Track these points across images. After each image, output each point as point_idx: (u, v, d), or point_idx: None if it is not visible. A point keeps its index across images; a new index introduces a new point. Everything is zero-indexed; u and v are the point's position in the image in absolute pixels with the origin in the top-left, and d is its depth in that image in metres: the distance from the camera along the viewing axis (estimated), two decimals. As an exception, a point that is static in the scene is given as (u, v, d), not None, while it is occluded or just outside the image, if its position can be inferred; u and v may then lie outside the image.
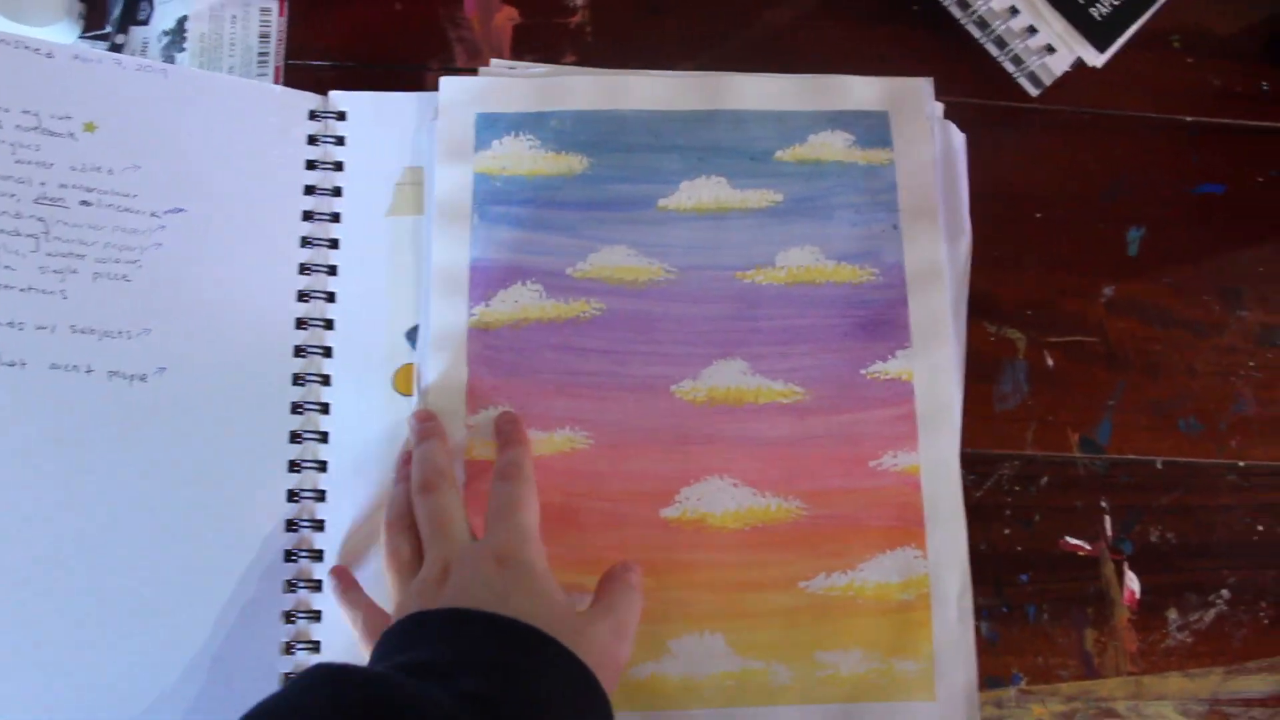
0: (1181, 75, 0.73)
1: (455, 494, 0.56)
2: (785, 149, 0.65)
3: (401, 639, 0.48)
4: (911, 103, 0.67)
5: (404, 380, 0.63)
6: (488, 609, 0.47)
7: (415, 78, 0.69)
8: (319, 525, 0.62)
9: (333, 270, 0.65)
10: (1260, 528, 0.66)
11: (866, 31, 0.71)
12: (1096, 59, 0.66)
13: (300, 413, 0.63)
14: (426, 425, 0.60)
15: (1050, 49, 0.67)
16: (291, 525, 0.61)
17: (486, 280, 0.62)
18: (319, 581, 0.61)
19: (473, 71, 0.68)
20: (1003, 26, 0.68)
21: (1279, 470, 0.67)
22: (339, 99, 0.67)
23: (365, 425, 0.63)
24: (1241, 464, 0.67)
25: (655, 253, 0.63)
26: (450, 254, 0.63)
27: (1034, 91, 0.70)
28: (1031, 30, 0.67)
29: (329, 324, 0.64)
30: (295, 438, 0.62)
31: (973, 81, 0.71)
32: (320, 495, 0.62)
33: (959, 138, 0.67)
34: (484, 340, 0.62)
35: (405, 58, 0.69)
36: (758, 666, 0.58)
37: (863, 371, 0.63)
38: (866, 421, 0.62)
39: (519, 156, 0.64)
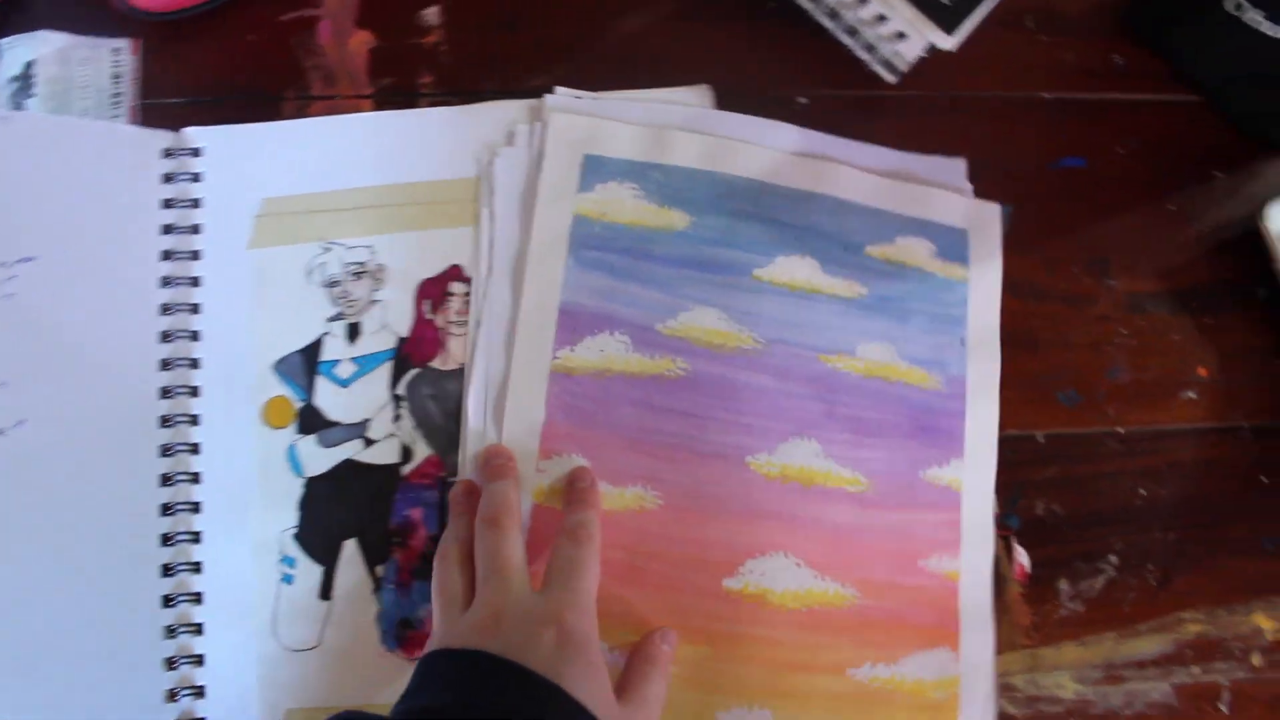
0: (1037, 53, 0.76)
1: (520, 538, 0.56)
2: (875, 245, 0.68)
3: (454, 672, 0.49)
4: (988, 225, 0.70)
5: (274, 413, 0.65)
6: (540, 672, 0.47)
7: (272, 108, 0.69)
8: (196, 567, 0.63)
9: (195, 309, 0.66)
10: (1143, 491, 0.70)
11: (722, 32, 0.73)
12: (947, 42, 0.68)
13: (170, 455, 0.64)
14: (502, 463, 0.60)
15: (901, 35, 0.69)
16: (168, 569, 0.63)
17: (574, 324, 0.63)
18: (199, 625, 0.62)
19: (329, 100, 0.72)
20: (853, 16, 0.69)
21: (1158, 434, 0.71)
22: (193, 135, 0.68)
23: (238, 462, 0.64)
24: (1121, 430, 0.71)
25: (745, 320, 0.65)
26: (541, 293, 0.63)
27: (891, 79, 0.72)
28: (882, 18, 0.69)
29: (194, 363, 0.65)
30: (166, 480, 0.63)
31: (832, 73, 0.73)
32: (196, 537, 0.63)
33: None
34: (565, 385, 0.63)
35: (261, 89, 0.70)
36: None
37: (920, 474, 0.66)
38: (918, 522, 0.65)
39: (621, 204, 0.65)
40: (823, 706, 0.60)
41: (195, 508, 0.62)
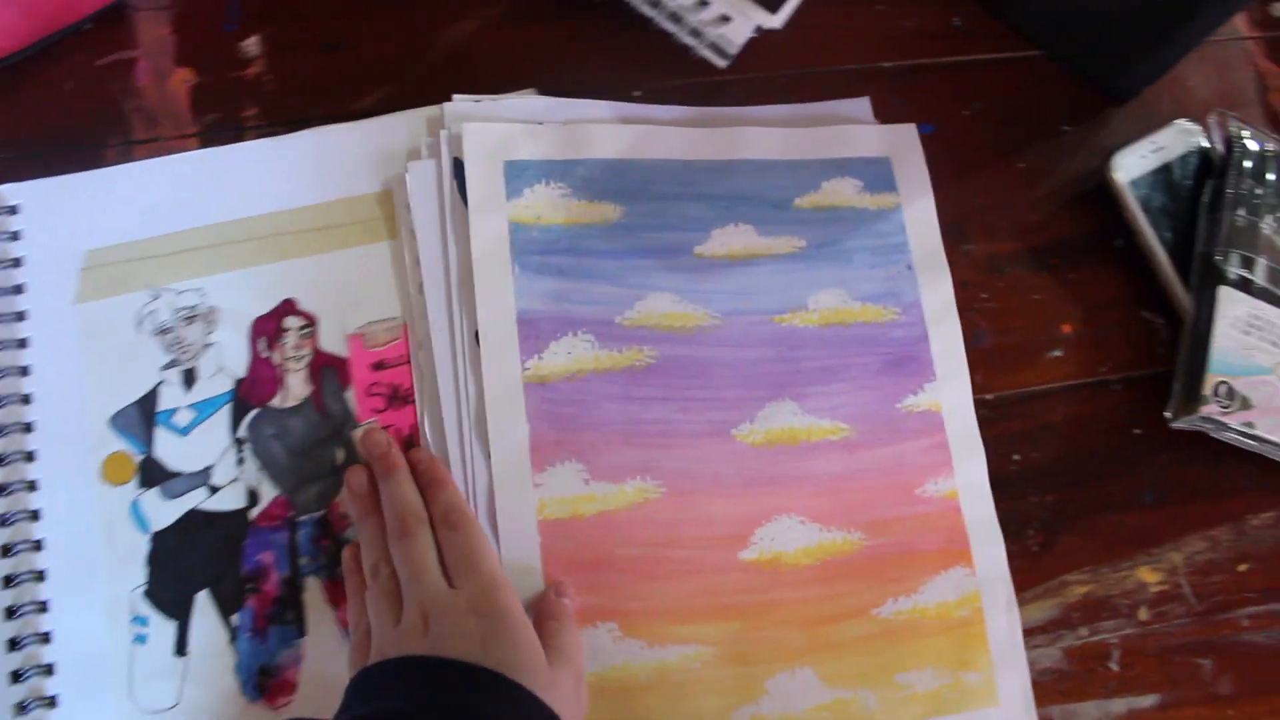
0: (874, 23, 0.76)
1: (429, 535, 0.57)
2: (802, 196, 0.70)
3: (381, 683, 0.51)
4: (908, 147, 0.71)
5: (114, 469, 0.64)
6: (469, 660, 0.50)
7: (96, 156, 0.67)
8: (45, 638, 0.60)
9: (24, 371, 0.65)
10: (1017, 457, 0.72)
11: (550, 33, 0.72)
12: (773, 21, 0.66)
13: (8, 525, 0.62)
14: (386, 454, 0.60)
15: (725, 18, 0.68)
16: (14, 644, 0.60)
17: (536, 332, 0.63)
18: (52, 698, 0.59)
19: (153, 142, 0.72)
20: (675, 3, 0.67)
21: (1025, 396, 0.71)
22: (9, 192, 0.65)
23: (80, 524, 0.61)
24: (990, 396, 0.72)
25: (698, 299, 0.67)
26: (495, 306, 0.63)
27: (721, 63, 0.71)
28: (703, 3, 0.67)
29: (27, 427, 0.64)
30: (6, 551, 0.61)
31: (663, 64, 0.71)
32: (42, 606, 0.61)
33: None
34: (541, 394, 0.63)
35: (83, 137, 0.68)
36: (847, 696, 0.61)
37: (897, 405, 0.67)
38: (907, 453, 0.66)
39: (552, 205, 0.66)
40: (858, 650, 0.62)
41: (39, 576, 0.60)
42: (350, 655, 0.57)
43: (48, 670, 0.59)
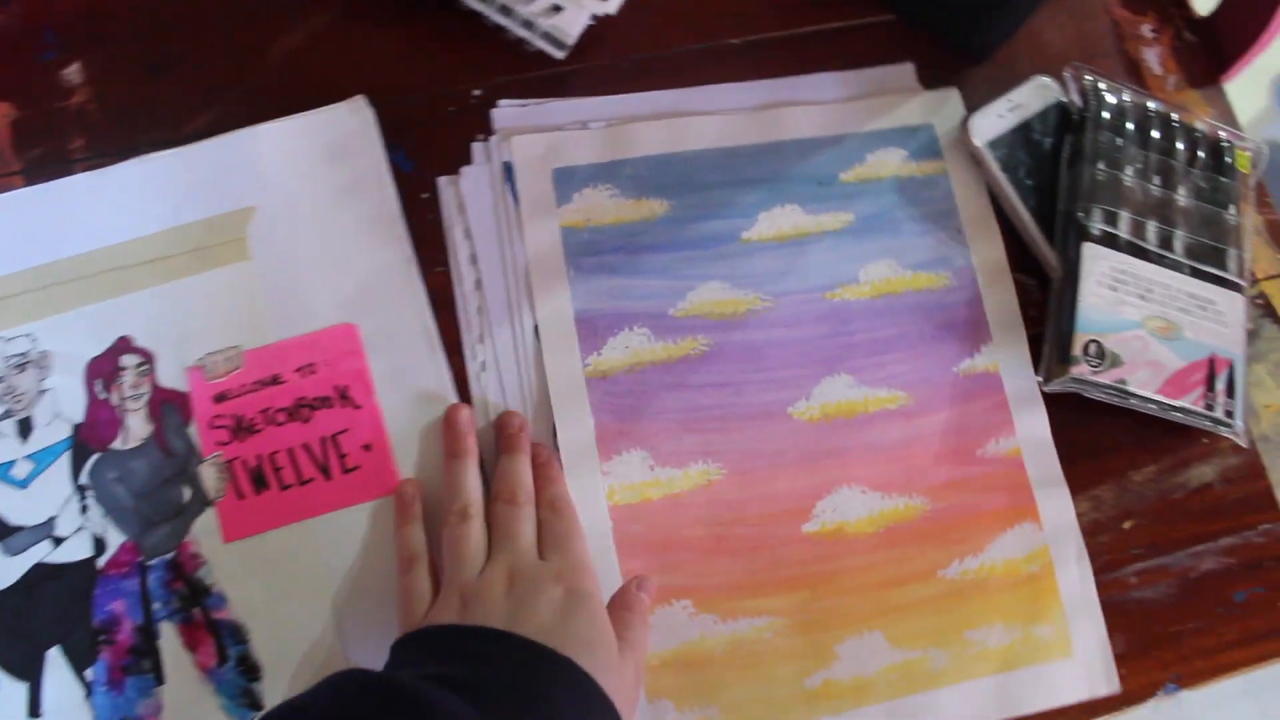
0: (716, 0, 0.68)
1: (534, 513, 0.59)
2: (847, 170, 0.68)
3: (457, 648, 0.51)
4: (950, 110, 0.69)
5: None
6: (549, 629, 0.51)
7: None
8: None
9: None
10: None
11: (381, 38, 0.66)
12: (606, 7, 0.63)
13: None
14: (517, 434, 0.61)
15: (557, 8, 0.64)
16: None
17: (594, 330, 0.63)
18: None
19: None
20: None
21: None
22: None
23: None
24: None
25: (748, 283, 0.66)
26: (554, 309, 0.63)
27: (559, 54, 0.65)
28: None
29: None
30: None
31: (500, 60, 0.66)
32: None
33: None
34: (603, 388, 0.63)
35: None
36: (916, 655, 0.60)
37: (955, 369, 0.66)
38: (966, 414, 0.65)
39: (601, 206, 0.66)
40: (926, 612, 0.62)
41: None
42: (400, 581, 0.56)
43: None
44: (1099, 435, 0.69)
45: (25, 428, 0.59)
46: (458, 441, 0.58)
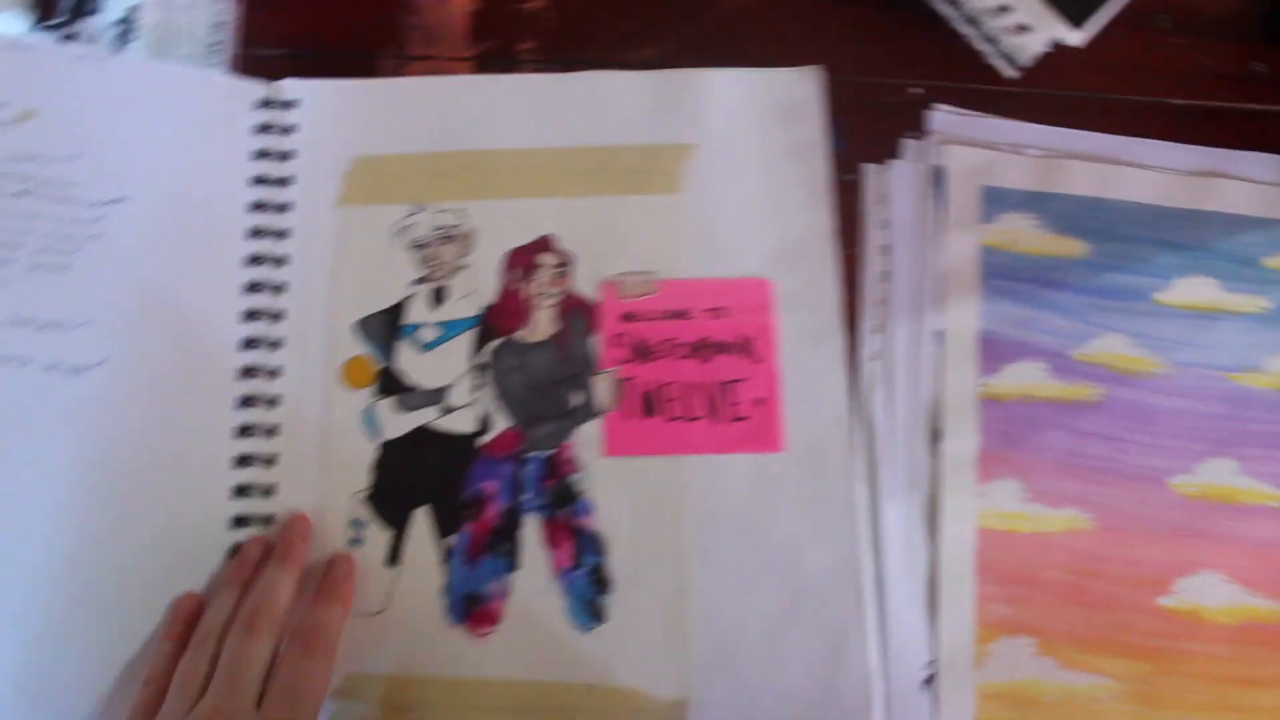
0: (1170, 56, 0.68)
1: (270, 644, 0.52)
2: (1272, 256, 0.67)
3: None
4: None
5: (353, 373, 0.62)
6: None
7: (368, 66, 0.64)
8: (267, 521, 0.59)
9: (282, 261, 0.67)
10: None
11: (838, 14, 0.67)
12: (1074, 37, 0.62)
13: (248, 407, 0.63)
14: (294, 542, 0.59)
15: (1024, 28, 0.65)
16: (239, 520, 0.60)
17: (995, 352, 0.63)
18: None
19: (427, 60, 0.74)
20: (975, 5, 0.64)
21: None
22: (289, 87, 0.64)
23: (314, 419, 0.61)
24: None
25: (1151, 345, 0.65)
26: (961, 321, 0.64)
27: (1011, 73, 0.66)
28: (1004, 9, 0.65)
29: (277, 316, 0.65)
30: (243, 432, 0.63)
31: (948, 64, 0.66)
32: (269, 490, 0.60)
33: None
34: (993, 411, 0.63)
35: (359, 46, 0.65)
36: None
37: None
38: None
39: (1023, 234, 0.66)
40: None
41: (270, 461, 0.60)
42: (133, 706, 0.53)
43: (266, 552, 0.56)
44: None
45: (439, 296, 0.64)
46: (283, 547, 0.57)
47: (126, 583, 0.57)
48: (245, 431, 0.60)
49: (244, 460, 0.60)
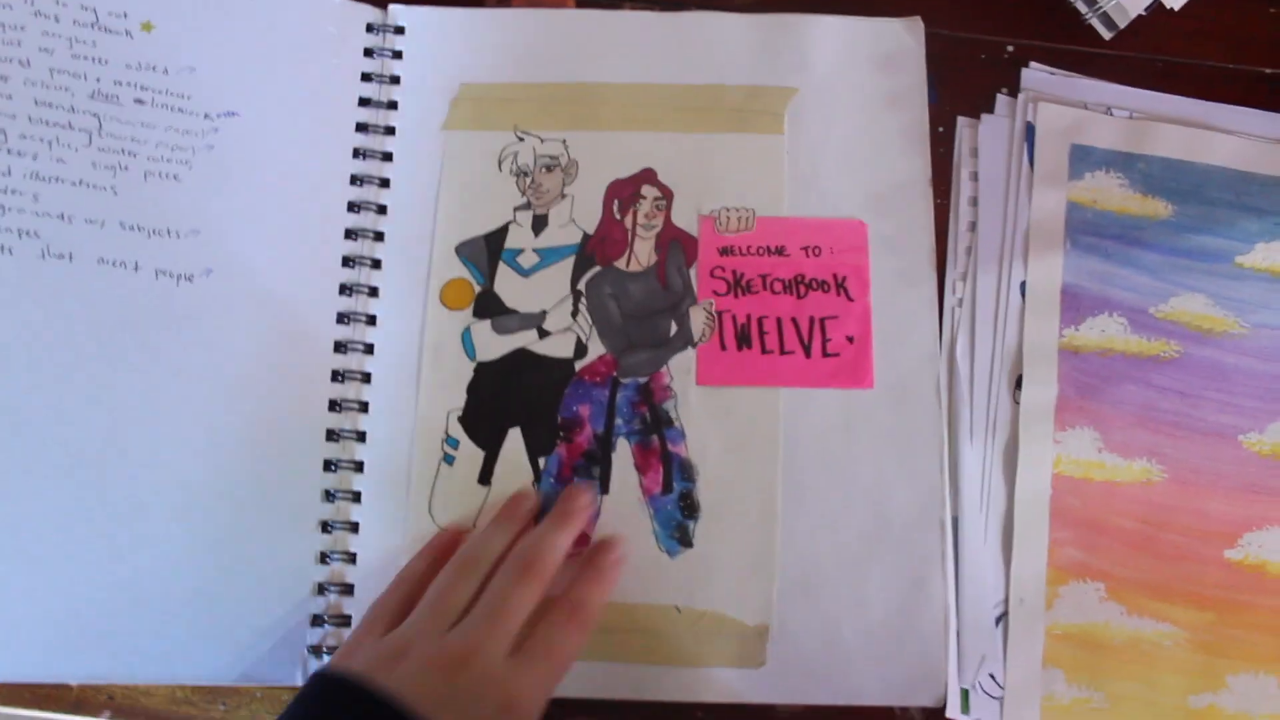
0: (1264, 25, 0.69)
1: (538, 598, 0.53)
2: None
3: (323, 702, 0.47)
4: None
5: (452, 294, 0.63)
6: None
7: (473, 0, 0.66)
8: (361, 437, 0.61)
9: (385, 183, 0.64)
10: None
11: None
12: (1172, 1, 0.72)
13: (346, 323, 0.63)
14: (579, 514, 0.60)
15: None
16: (332, 435, 0.62)
17: (1076, 305, 0.65)
18: (358, 493, 0.59)
19: None
20: None
21: None
22: (398, 13, 0.65)
23: (410, 338, 0.62)
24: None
25: (1230, 306, 0.67)
26: (1044, 275, 0.65)
27: (1107, 35, 0.67)
28: None
29: (379, 236, 0.65)
30: (340, 348, 0.62)
31: (1046, 23, 0.67)
32: (364, 407, 0.63)
33: None
34: (1073, 363, 0.65)
35: None
36: None
37: None
38: None
39: (1109, 192, 0.68)
40: None
41: (365, 378, 0.61)
42: (378, 603, 0.55)
43: (358, 467, 0.60)
44: None
45: (540, 223, 0.66)
46: (564, 508, 0.57)
47: (219, 489, 0.61)
48: (340, 348, 0.62)
49: (339, 376, 0.62)
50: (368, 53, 0.66)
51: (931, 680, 0.58)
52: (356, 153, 0.65)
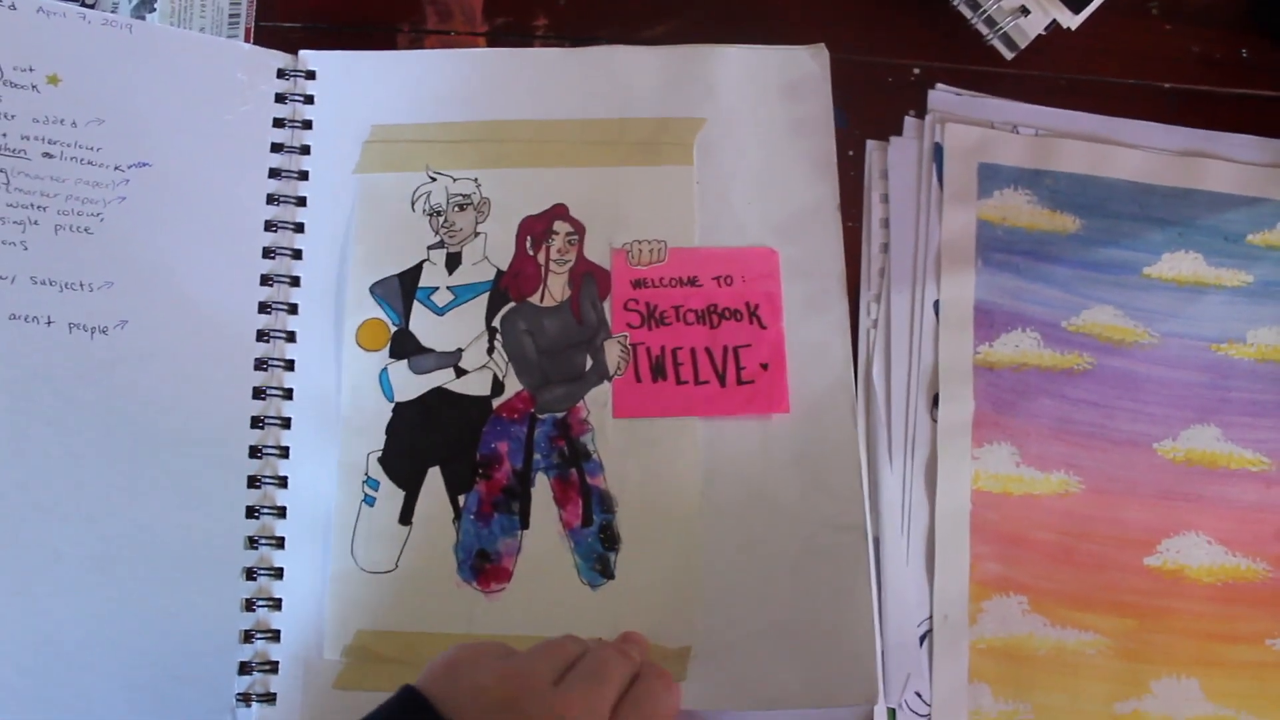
0: (1160, 42, 0.70)
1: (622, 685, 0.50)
2: (1256, 233, 0.69)
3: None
4: None
5: (368, 335, 0.63)
6: None
7: (386, 39, 0.65)
8: (282, 482, 0.61)
9: (299, 228, 0.65)
10: None
11: None
12: (1071, 20, 0.64)
13: (264, 369, 0.62)
14: (630, 647, 0.55)
15: (1024, 10, 0.65)
16: (254, 481, 0.62)
17: (990, 322, 0.66)
18: (281, 538, 0.60)
19: (443, 34, 0.76)
20: None
21: None
22: (308, 58, 0.65)
23: (329, 381, 0.62)
24: None
25: (1139, 316, 0.68)
26: (957, 293, 0.67)
27: (1009, 55, 0.67)
28: None
29: (294, 281, 0.65)
30: (259, 394, 0.61)
31: (949, 45, 0.68)
32: (284, 452, 0.62)
33: None
34: (988, 379, 0.66)
35: (377, 19, 0.67)
36: (1228, 714, 0.62)
37: None
38: None
39: (1018, 209, 0.69)
40: (1246, 675, 0.62)
41: (285, 423, 0.61)
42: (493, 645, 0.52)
43: (281, 512, 0.60)
44: None
45: (454, 261, 0.66)
46: (623, 645, 0.56)
47: (140, 541, 0.61)
48: (260, 394, 0.62)
49: (258, 422, 0.62)
50: (279, 98, 0.66)
51: (860, 696, 0.61)
52: (270, 199, 0.64)
